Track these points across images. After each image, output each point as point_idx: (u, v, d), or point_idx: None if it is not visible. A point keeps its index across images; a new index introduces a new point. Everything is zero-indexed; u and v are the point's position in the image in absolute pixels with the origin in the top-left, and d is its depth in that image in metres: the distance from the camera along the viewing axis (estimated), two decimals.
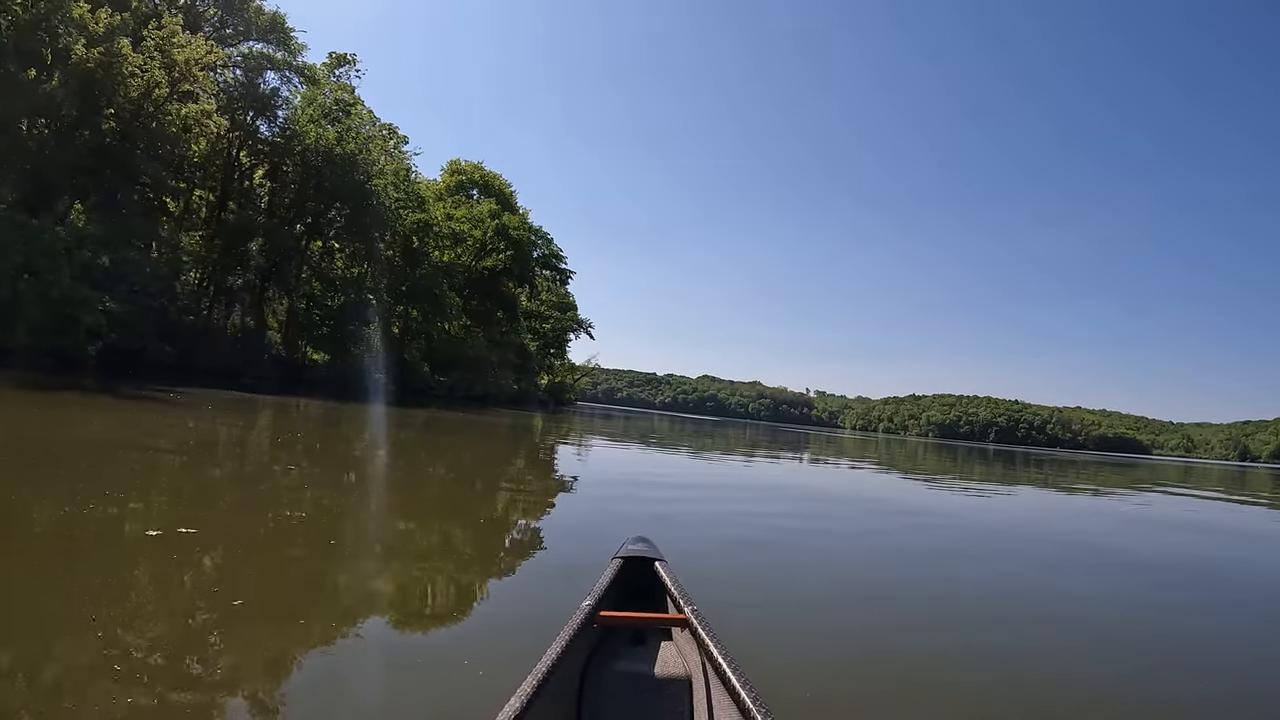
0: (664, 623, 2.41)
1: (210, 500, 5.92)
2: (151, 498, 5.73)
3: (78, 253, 17.65)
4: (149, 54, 21.48)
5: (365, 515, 6.15)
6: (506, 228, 42.52)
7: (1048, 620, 4.82)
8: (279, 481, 7.36)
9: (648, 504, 8.32)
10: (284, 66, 33.17)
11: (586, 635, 2.26)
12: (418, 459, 11.35)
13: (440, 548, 5.38)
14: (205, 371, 26.85)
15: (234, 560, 4.20)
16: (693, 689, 2.22)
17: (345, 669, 2.86)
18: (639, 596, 2.76)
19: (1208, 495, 22.08)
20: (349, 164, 30.01)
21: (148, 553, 4.05)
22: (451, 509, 7.11)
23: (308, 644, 3.07)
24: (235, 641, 2.94)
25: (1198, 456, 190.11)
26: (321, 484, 7.55)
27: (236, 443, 10.38)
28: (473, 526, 6.26)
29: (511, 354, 48.52)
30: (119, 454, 7.60)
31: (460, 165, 49.26)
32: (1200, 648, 4.59)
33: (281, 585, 3.90)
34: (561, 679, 1.96)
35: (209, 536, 4.51)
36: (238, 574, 3.96)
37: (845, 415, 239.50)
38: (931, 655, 3.78)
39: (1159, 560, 8.13)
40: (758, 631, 3.73)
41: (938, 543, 7.83)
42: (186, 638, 2.92)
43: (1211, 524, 13.72)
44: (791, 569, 5.64)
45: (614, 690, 2.23)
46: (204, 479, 6.91)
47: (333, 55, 37.62)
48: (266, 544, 4.69)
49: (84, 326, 18.18)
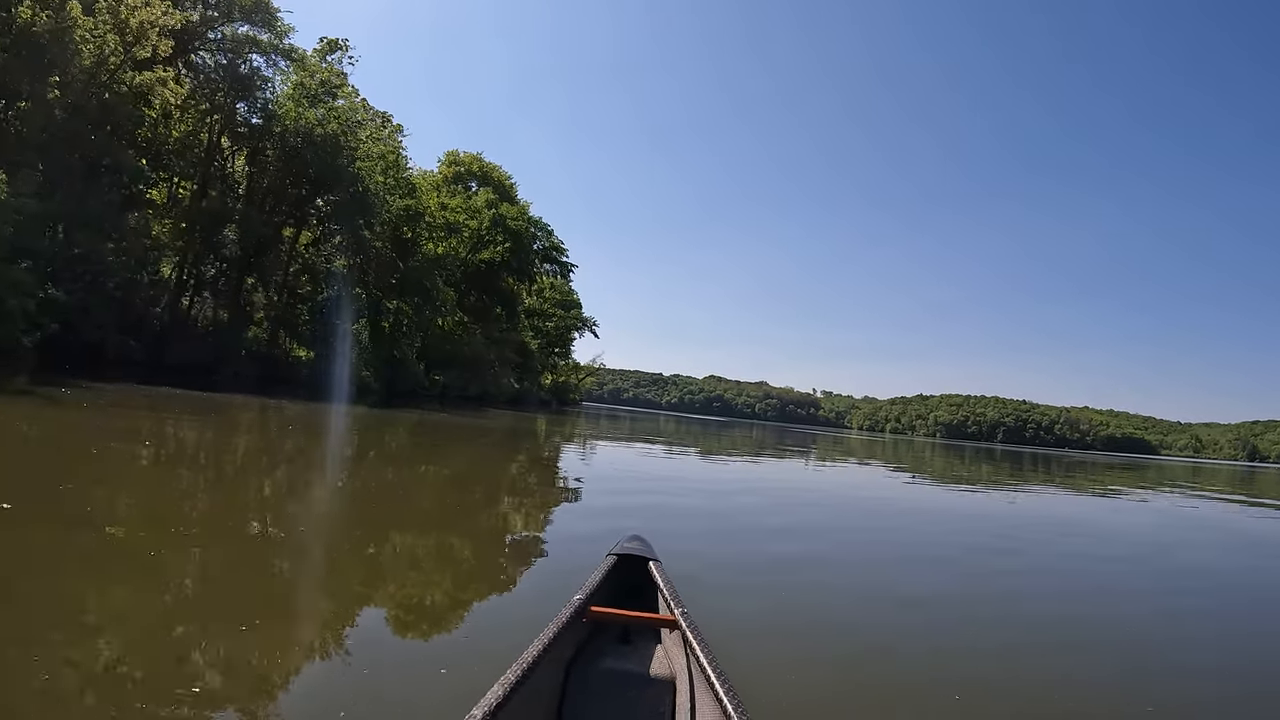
0: (653, 622, 2.42)
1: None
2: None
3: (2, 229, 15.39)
4: (101, 16, 19.29)
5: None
6: (504, 218, 40.25)
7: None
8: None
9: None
10: (270, 50, 31.39)
11: (575, 629, 2.23)
12: (379, 488, 8.19)
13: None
14: (174, 368, 24.76)
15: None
16: (676, 690, 2.19)
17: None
18: (631, 595, 2.71)
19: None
20: (332, 146, 27.84)
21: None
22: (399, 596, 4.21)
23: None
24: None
25: (1206, 457, 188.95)
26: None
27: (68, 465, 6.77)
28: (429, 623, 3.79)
29: (511, 352, 46.11)
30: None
31: (458, 156, 46.97)
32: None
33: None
34: (547, 672, 1.94)
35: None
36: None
37: (852, 415, 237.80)
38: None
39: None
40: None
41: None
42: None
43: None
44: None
45: (598, 686, 2.19)
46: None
47: (324, 40, 35.62)
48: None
49: (13, 313, 15.89)
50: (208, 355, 25.37)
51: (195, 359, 25.75)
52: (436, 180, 43.16)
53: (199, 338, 25.80)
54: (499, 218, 40.10)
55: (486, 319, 44.15)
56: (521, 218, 42.78)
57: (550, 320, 60.71)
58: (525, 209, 44.74)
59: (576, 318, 63.48)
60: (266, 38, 31.66)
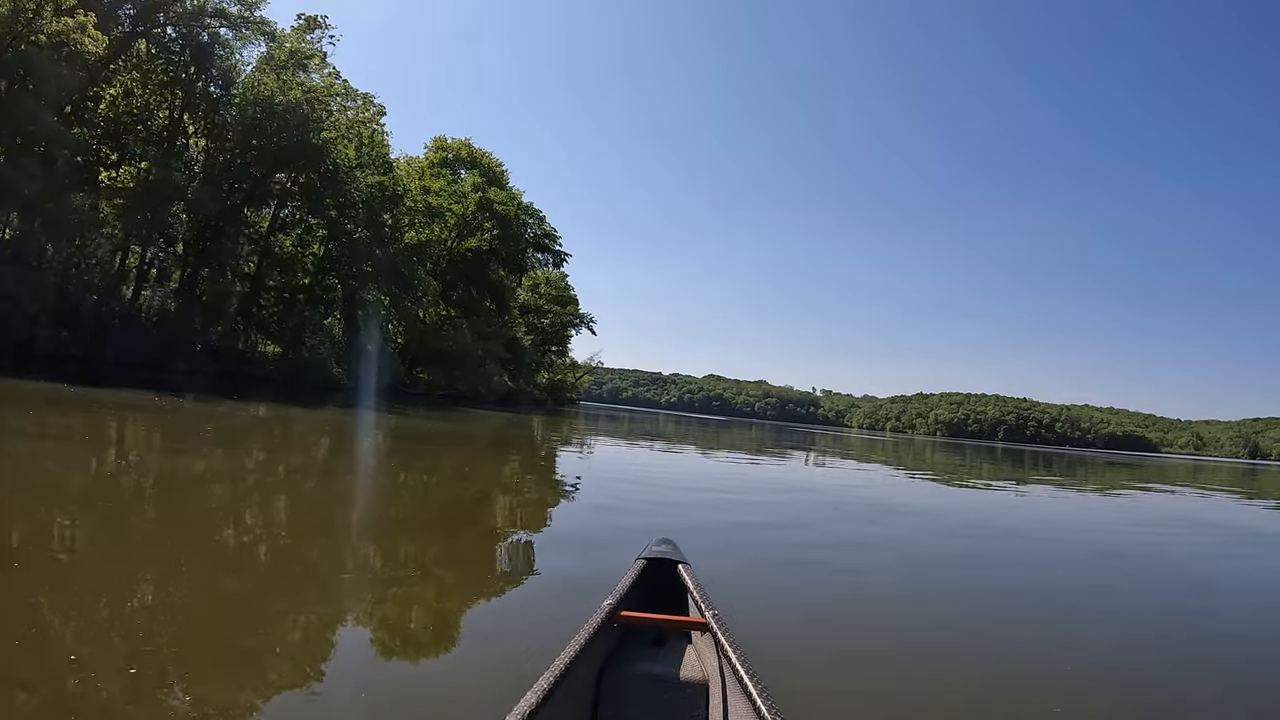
0: (684, 625, 2.39)
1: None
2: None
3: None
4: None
5: None
6: (491, 202, 37.42)
7: None
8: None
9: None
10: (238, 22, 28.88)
11: (606, 634, 2.22)
12: (315, 530, 5.60)
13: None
14: (118, 365, 22.07)
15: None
16: (709, 693, 2.16)
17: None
18: (661, 598, 2.66)
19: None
20: (295, 118, 25.11)
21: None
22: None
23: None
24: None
25: (1207, 454, 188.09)
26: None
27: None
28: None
29: (501, 348, 43.20)
30: None
31: (445, 142, 44.00)
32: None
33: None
34: (580, 676, 1.92)
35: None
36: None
37: (852, 414, 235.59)
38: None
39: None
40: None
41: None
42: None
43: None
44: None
45: (632, 690, 2.17)
46: None
47: (303, 17, 32.97)
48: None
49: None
50: (156, 350, 22.64)
51: (142, 354, 23.03)
52: (422, 166, 40.44)
53: (145, 330, 23.05)
54: (486, 201, 37.30)
55: (475, 313, 41.34)
56: (510, 203, 39.77)
57: (546, 316, 57.96)
58: (515, 195, 41.58)
59: (573, 314, 60.66)
60: (236, 9, 29.36)
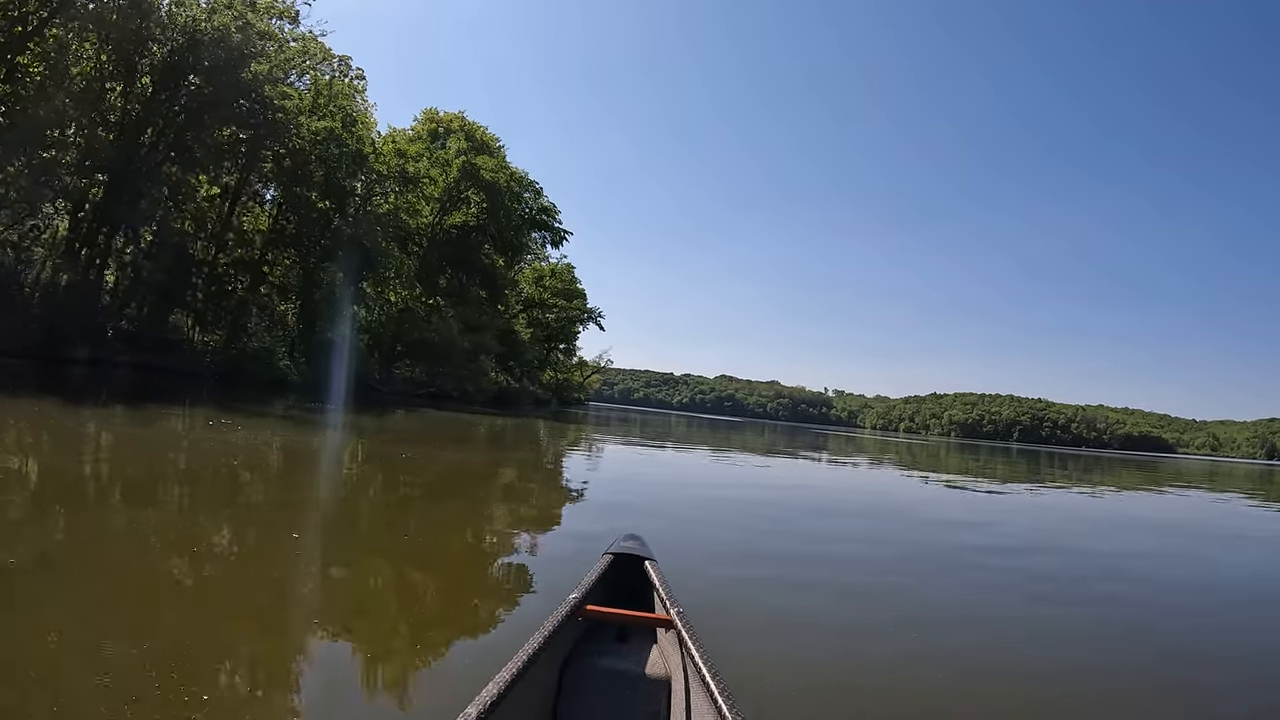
0: (649, 621, 2.39)
1: None
2: None
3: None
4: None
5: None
6: (477, 169, 32.26)
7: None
8: None
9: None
10: None
11: (570, 628, 2.23)
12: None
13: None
14: None
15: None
16: (671, 689, 2.16)
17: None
18: (627, 594, 2.67)
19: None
20: (227, 51, 20.13)
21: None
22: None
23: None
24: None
25: (1224, 455, 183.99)
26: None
27: None
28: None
29: (494, 340, 37.89)
30: None
31: (437, 114, 38.47)
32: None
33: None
34: (542, 670, 1.93)
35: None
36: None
37: (865, 415, 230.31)
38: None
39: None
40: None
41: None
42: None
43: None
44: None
45: (593, 684, 2.17)
46: None
47: None
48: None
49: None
50: (39, 335, 17.76)
51: (28, 339, 18.13)
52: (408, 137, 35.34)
53: (23, 309, 18.09)
54: (470, 166, 32.13)
55: (464, 301, 36.21)
56: (500, 171, 34.46)
57: (551, 311, 52.87)
58: (505, 161, 36.04)
59: (580, 308, 55.27)
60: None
